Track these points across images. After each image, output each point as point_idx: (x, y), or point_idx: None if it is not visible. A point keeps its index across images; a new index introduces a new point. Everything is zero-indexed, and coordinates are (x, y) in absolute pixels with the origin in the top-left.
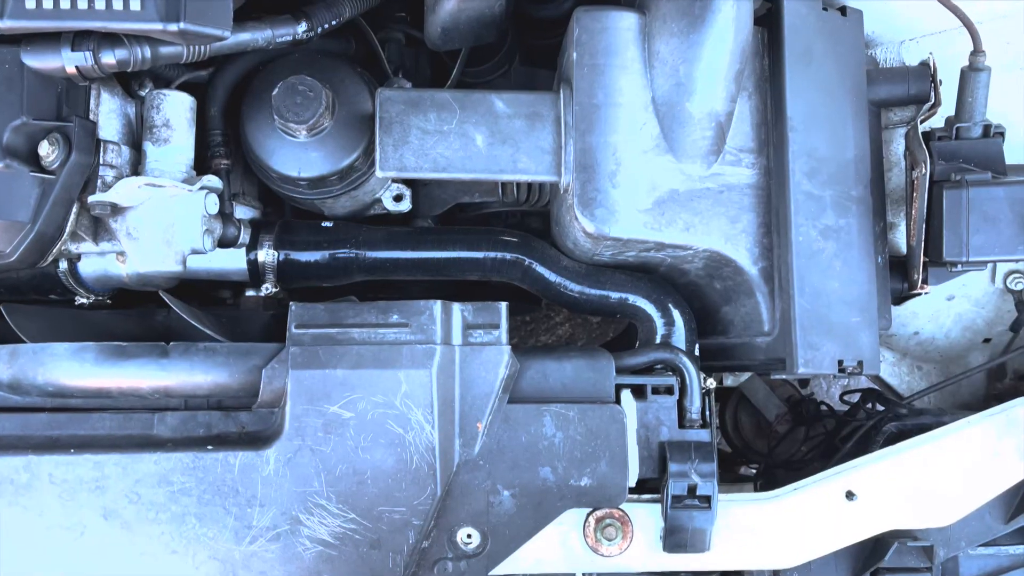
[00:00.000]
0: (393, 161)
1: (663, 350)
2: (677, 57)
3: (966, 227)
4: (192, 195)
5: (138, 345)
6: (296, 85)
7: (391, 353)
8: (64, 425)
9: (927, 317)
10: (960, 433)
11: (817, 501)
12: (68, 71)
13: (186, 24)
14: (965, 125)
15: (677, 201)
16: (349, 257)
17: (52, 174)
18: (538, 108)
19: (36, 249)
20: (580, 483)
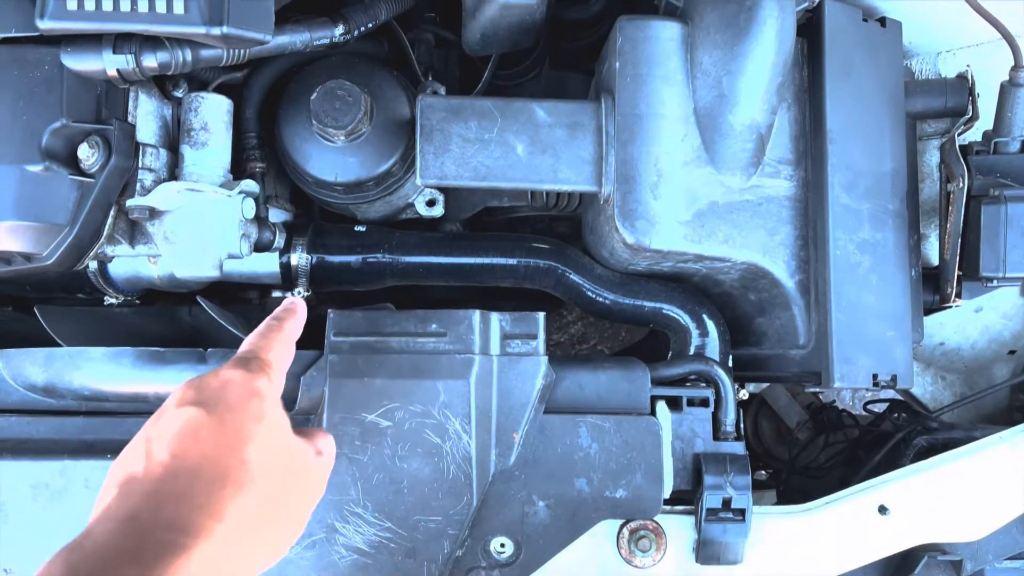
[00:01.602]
0: (434, 169)
1: (698, 362)
2: (720, 68)
3: (1004, 242)
4: (230, 200)
5: (176, 351)
6: (335, 90)
7: (430, 363)
8: (100, 429)
9: (953, 328)
10: (992, 449)
11: (850, 515)
12: (109, 73)
13: (229, 28)
14: (1003, 140)
15: (717, 213)
16: (383, 262)
17: (91, 177)
18: (579, 118)
19: (74, 252)
20: (615, 495)
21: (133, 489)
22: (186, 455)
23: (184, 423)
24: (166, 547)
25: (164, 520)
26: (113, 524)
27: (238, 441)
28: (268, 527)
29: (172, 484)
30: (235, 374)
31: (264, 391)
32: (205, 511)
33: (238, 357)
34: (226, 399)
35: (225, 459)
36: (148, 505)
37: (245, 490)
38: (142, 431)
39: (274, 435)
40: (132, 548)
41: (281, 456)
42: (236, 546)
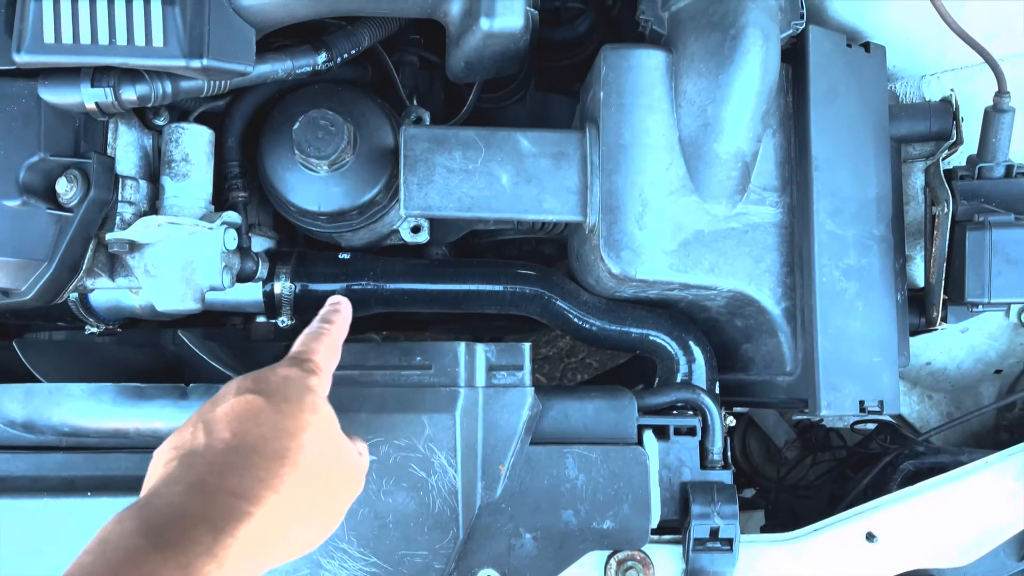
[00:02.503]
0: (418, 200)
1: (685, 390)
2: (705, 97)
3: (988, 268)
4: (211, 232)
5: (156, 387)
6: (318, 119)
7: (414, 396)
8: (80, 466)
9: (940, 348)
10: (978, 474)
11: (838, 542)
12: (87, 107)
13: (209, 60)
14: (988, 165)
15: (702, 242)
16: (367, 289)
17: (70, 211)
18: (564, 147)
19: (52, 287)
20: (602, 526)
21: (196, 460)
22: (247, 434)
23: (245, 407)
24: (232, 511)
25: (229, 487)
26: (181, 487)
27: (294, 427)
28: (315, 511)
29: (234, 457)
30: (292, 371)
31: (316, 388)
32: (265, 483)
33: (291, 357)
34: (283, 391)
35: (282, 442)
36: (213, 473)
37: (299, 471)
38: (196, 415)
39: (325, 428)
40: (202, 510)
41: (331, 448)
42: (287, 521)
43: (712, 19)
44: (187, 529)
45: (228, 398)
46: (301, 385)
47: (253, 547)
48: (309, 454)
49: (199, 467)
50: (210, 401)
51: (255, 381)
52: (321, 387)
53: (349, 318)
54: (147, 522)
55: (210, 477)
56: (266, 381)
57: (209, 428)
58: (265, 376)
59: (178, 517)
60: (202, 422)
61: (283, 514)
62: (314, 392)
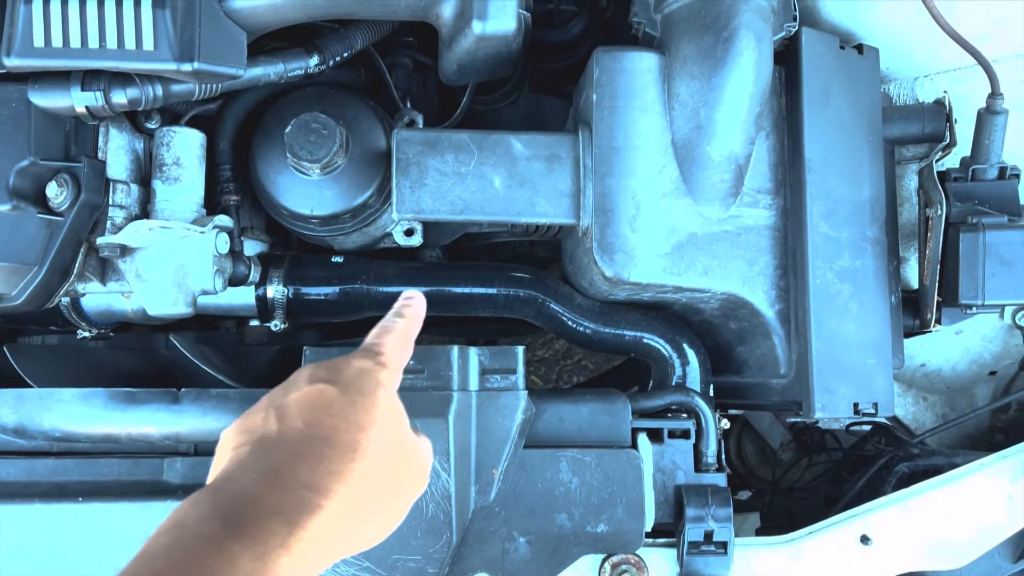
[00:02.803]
0: (410, 203)
1: (679, 393)
2: (697, 100)
3: (982, 270)
4: (203, 236)
5: (148, 392)
6: (310, 123)
7: (407, 400)
8: (71, 471)
9: (934, 350)
10: (973, 476)
11: (832, 545)
12: (78, 110)
13: (200, 64)
14: (981, 167)
15: (696, 244)
16: (360, 292)
17: (60, 215)
18: (556, 150)
19: (43, 292)
20: (596, 529)
21: (269, 448)
22: (320, 425)
23: (318, 396)
24: (305, 504)
25: (302, 479)
26: (256, 475)
27: (366, 421)
28: (381, 505)
29: (307, 448)
30: (366, 363)
31: (387, 382)
32: (336, 476)
33: (364, 349)
34: (357, 383)
35: (354, 434)
36: (287, 463)
37: (369, 465)
38: (267, 400)
39: (396, 423)
40: (276, 501)
41: (399, 443)
42: (355, 515)
43: (705, 21)
44: (263, 520)
45: (300, 385)
46: (374, 378)
47: (322, 540)
48: (379, 448)
49: (273, 456)
50: (281, 387)
51: (329, 371)
52: (392, 381)
53: (422, 313)
54: (223, 509)
55: (284, 467)
56: (340, 372)
57: (282, 414)
58: (339, 366)
59: (254, 507)
60: (274, 408)
61: (351, 508)
62: (385, 386)
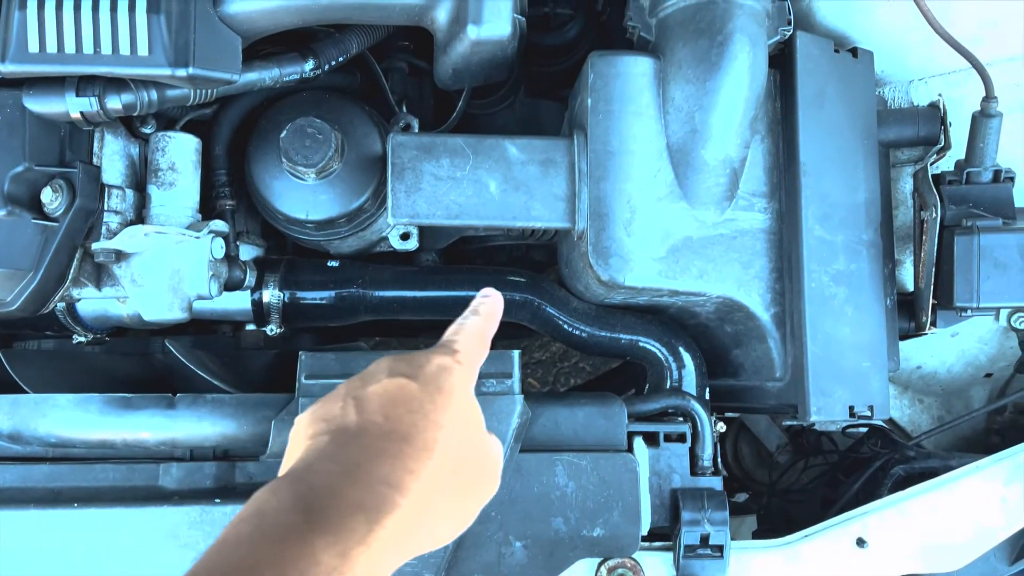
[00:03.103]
0: (406, 208)
1: (675, 396)
2: (692, 104)
3: (977, 273)
4: (198, 241)
5: (144, 397)
6: (305, 127)
7: None
8: (66, 477)
9: (930, 352)
10: (968, 479)
11: (828, 548)
12: (72, 116)
13: (195, 69)
14: (976, 170)
15: (691, 248)
16: (356, 297)
17: (55, 221)
18: (552, 154)
19: (38, 297)
20: (592, 533)
21: (349, 440)
22: (399, 420)
23: (398, 391)
24: (384, 501)
25: (382, 475)
26: (337, 468)
27: (444, 419)
28: (454, 505)
29: (387, 443)
30: (445, 360)
31: (464, 381)
32: (414, 474)
33: (442, 346)
34: (436, 380)
35: (432, 432)
36: (367, 457)
37: (445, 464)
38: (344, 389)
39: (471, 422)
40: (357, 496)
41: (474, 443)
42: (429, 513)
43: (699, 25)
44: (345, 515)
45: (380, 377)
46: (452, 376)
47: (398, 537)
48: (455, 447)
49: (353, 449)
50: (359, 377)
51: (409, 365)
52: (468, 379)
53: (499, 311)
54: (305, 500)
55: (364, 462)
56: (420, 367)
57: (361, 406)
58: (419, 361)
59: (336, 501)
60: (352, 398)
61: (425, 505)
62: (462, 384)
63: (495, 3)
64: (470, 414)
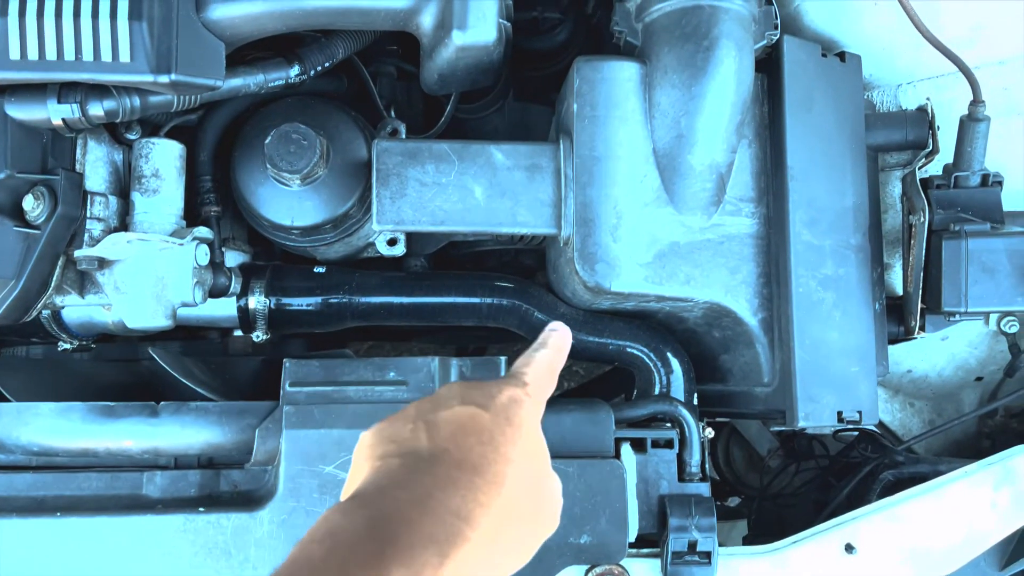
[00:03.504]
0: (390, 214)
1: (662, 402)
2: (678, 109)
3: (965, 278)
4: (182, 248)
5: (126, 405)
6: (290, 133)
7: (388, 412)
8: (50, 485)
9: (920, 356)
10: (958, 484)
11: (817, 554)
12: (54, 123)
13: (178, 75)
14: (963, 174)
15: (678, 254)
16: (342, 303)
17: (37, 229)
18: (538, 160)
19: (20, 305)
20: (580, 540)
21: (420, 468)
22: (470, 451)
23: (471, 421)
24: (455, 534)
25: (453, 507)
26: (409, 495)
27: (514, 454)
28: (516, 540)
29: (458, 474)
30: (515, 392)
31: (533, 415)
32: (483, 508)
33: (513, 376)
34: (507, 412)
35: (501, 466)
36: (439, 488)
37: (511, 498)
38: (414, 411)
39: (538, 458)
40: (430, 528)
41: (539, 480)
42: (493, 548)
43: (685, 30)
44: (418, 547)
45: (452, 403)
46: (522, 409)
47: (464, 571)
48: (522, 482)
49: (425, 477)
50: (429, 400)
51: (482, 395)
52: (537, 413)
53: (567, 345)
54: (378, 528)
55: (436, 492)
56: (492, 398)
57: (432, 432)
58: (491, 392)
59: (410, 532)
60: (424, 422)
61: (493, 541)
62: (532, 418)
63: (480, 8)
64: (537, 449)
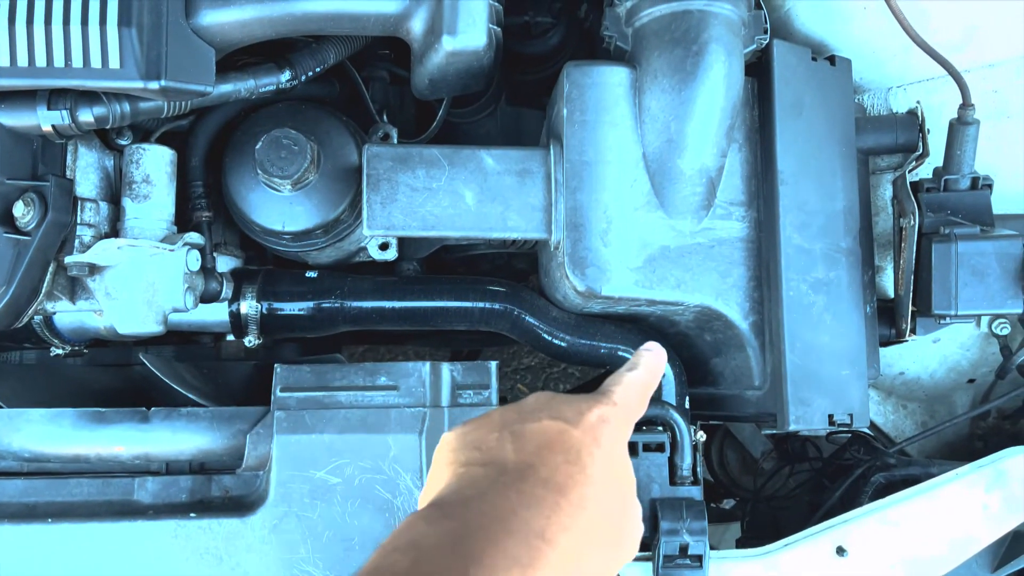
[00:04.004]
0: (381, 219)
1: (654, 405)
2: (668, 114)
3: (955, 281)
4: (173, 254)
5: (117, 411)
6: (280, 138)
7: (379, 417)
8: (41, 492)
9: (912, 358)
10: (950, 486)
11: (808, 557)
12: (44, 129)
13: (167, 82)
14: (953, 177)
15: (668, 258)
16: (334, 308)
17: (27, 235)
18: (528, 165)
19: (11, 311)
20: None
21: (505, 480)
22: (556, 470)
23: (559, 438)
24: (537, 555)
25: (538, 527)
26: (493, 511)
27: (600, 475)
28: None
29: (543, 492)
30: (606, 411)
31: (622, 437)
32: (565, 530)
33: (603, 394)
34: (596, 433)
35: (587, 487)
36: (524, 505)
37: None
38: (499, 418)
39: (624, 483)
40: (514, 547)
41: (624, 503)
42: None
43: (675, 35)
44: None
45: (540, 416)
46: (612, 431)
47: None
48: (606, 506)
49: (510, 493)
50: (515, 408)
51: (572, 410)
52: (625, 435)
53: (663, 366)
54: (463, 543)
55: (521, 510)
56: (581, 415)
57: (519, 444)
58: (580, 408)
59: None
60: (510, 432)
61: (573, 564)
62: (620, 440)
63: (470, 14)
64: (623, 474)
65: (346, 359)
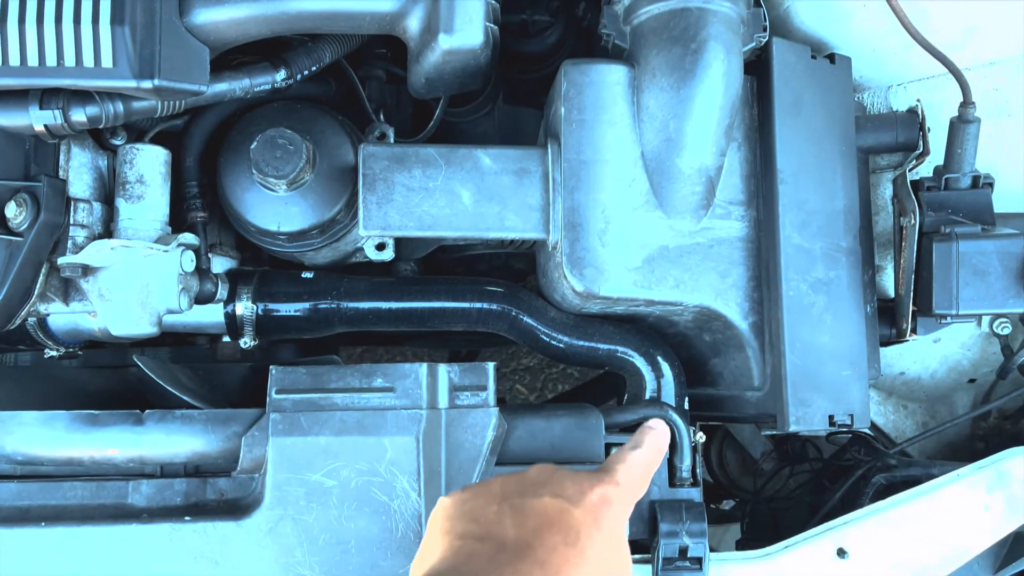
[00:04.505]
0: (377, 219)
1: (652, 407)
2: (667, 112)
3: (956, 280)
4: (167, 255)
5: (111, 413)
6: (275, 138)
7: (375, 419)
8: (34, 495)
9: (913, 358)
10: (950, 487)
11: (809, 559)
12: (36, 129)
13: (161, 81)
14: (954, 176)
15: (667, 258)
16: (331, 309)
17: (20, 236)
18: (525, 164)
19: (4, 313)
20: None
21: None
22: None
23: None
24: None
25: None
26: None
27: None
28: None
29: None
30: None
31: (622, 517)
32: None
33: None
34: (596, 512)
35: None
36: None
37: None
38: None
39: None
40: None
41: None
42: None
43: (673, 33)
44: None
45: (542, 493)
46: (611, 510)
47: None
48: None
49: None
50: (517, 480)
51: (574, 489)
52: (625, 515)
53: (666, 445)
54: None
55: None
56: (583, 494)
57: (519, 520)
58: (584, 489)
59: None
60: (510, 506)
61: None
62: (620, 522)
63: (467, 12)
64: (619, 557)
65: (344, 360)
